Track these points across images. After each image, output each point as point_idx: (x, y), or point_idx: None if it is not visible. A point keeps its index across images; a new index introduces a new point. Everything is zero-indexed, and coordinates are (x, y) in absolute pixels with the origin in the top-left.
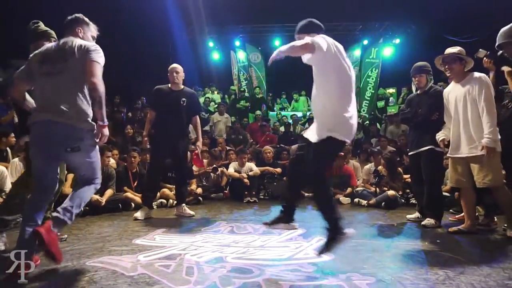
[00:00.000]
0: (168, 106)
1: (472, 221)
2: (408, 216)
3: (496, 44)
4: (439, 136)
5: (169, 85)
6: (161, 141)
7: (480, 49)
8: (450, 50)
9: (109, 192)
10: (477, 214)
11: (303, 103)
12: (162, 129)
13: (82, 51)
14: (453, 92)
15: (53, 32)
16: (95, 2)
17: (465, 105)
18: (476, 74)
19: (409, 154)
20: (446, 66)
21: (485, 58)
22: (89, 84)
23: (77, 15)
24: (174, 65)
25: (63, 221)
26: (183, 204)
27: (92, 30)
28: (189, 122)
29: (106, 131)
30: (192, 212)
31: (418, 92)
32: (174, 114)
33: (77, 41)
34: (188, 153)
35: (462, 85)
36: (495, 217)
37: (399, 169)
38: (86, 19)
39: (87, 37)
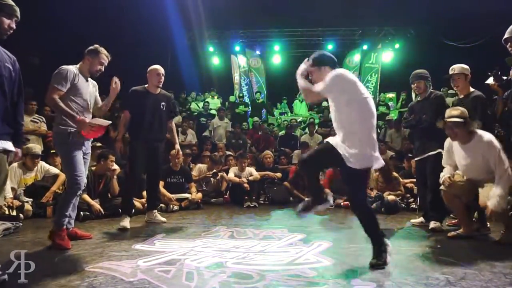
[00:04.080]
0: (147, 110)
1: (467, 226)
2: (413, 221)
3: (504, 36)
4: (444, 174)
5: (146, 86)
6: (140, 147)
7: (490, 76)
8: (452, 112)
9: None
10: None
11: (305, 108)
12: (141, 134)
13: None
14: (458, 153)
15: (18, 10)
16: (95, 8)
17: (476, 168)
18: (484, 137)
19: (416, 159)
20: (449, 130)
21: (492, 82)
22: None
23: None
24: (159, 66)
25: None
26: (155, 210)
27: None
28: (166, 126)
29: None
30: (163, 219)
31: (419, 98)
32: (154, 119)
33: None
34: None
35: (469, 149)
36: (487, 223)
37: (395, 174)
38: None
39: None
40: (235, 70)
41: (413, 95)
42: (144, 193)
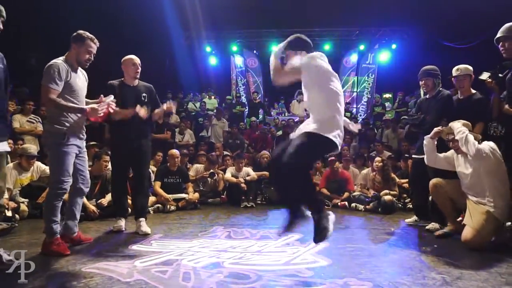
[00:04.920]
0: (126, 104)
1: (453, 223)
2: (407, 220)
3: (496, 36)
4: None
5: (123, 79)
6: (121, 145)
7: (484, 72)
8: (454, 124)
9: (109, 197)
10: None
11: (302, 108)
12: (121, 131)
13: None
14: (460, 162)
15: (3, 9)
16: (93, 8)
17: (474, 180)
18: (481, 146)
19: (413, 156)
20: (450, 142)
21: (488, 79)
22: None
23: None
24: (134, 56)
25: None
26: (141, 219)
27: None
28: (150, 120)
29: None
30: (147, 230)
31: (427, 96)
32: (134, 113)
33: None
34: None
35: (470, 160)
36: None
37: (393, 174)
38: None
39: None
40: (232, 70)
41: (422, 92)
42: None
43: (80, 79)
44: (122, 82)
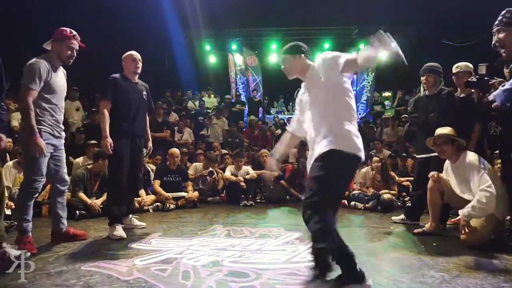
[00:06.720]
0: (131, 100)
1: (436, 223)
2: (394, 218)
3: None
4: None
5: (125, 74)
6: (124, 144)
7: (479, 64)
8: (441, 130)
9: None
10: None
11: None
12: (124, 129)
13: None
14: (450, 171)
15: None
16: (92, 6)
17: (465, 188)
18: (466, 158)
19: (417, 157)
20: (437, 148)
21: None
22: None
23: None
24: (134, 52)
25: None
26: (130, 215)
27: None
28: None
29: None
30: (143, 223)
31: (427, 93)
32: (137, 111)
33: None
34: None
35: (457, 167)
36: None
37: (392, 173)
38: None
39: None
40: (231, 68)
41: (422, 88)
42: (141, 191)
43: (61, 79)
44: (124, 76)
